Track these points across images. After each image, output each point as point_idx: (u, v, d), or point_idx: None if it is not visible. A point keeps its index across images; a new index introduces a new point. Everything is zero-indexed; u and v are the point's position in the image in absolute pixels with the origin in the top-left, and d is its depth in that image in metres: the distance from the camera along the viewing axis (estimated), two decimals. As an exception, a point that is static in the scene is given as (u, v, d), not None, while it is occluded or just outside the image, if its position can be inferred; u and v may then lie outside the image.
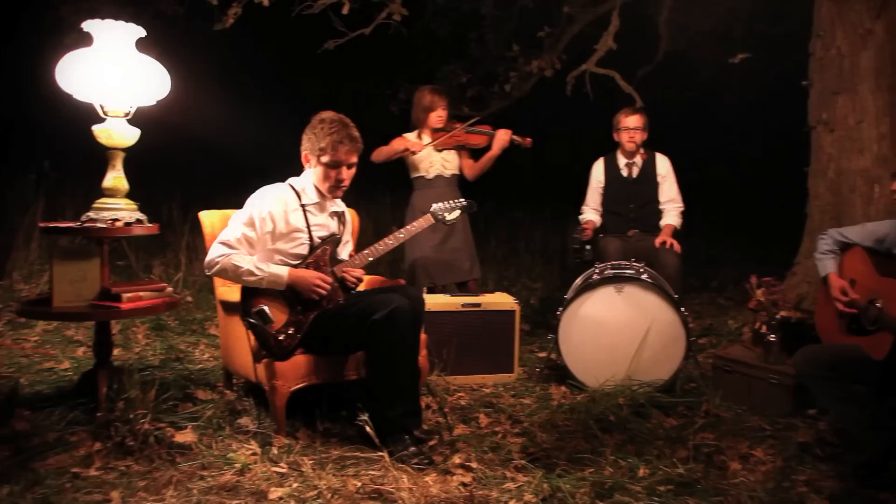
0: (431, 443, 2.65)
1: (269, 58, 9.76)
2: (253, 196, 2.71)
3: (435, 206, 3.02)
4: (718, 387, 3.22)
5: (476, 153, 4.04)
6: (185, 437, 2.53)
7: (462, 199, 3.08)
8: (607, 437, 2.76)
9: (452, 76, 6.53)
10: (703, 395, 3.18)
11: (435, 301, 3.50)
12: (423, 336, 2.85)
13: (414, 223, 2.94)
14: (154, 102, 2.88)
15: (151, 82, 2.78)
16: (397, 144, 3.92)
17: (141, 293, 2.79)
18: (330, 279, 2.67)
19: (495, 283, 5.40)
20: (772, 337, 3.11)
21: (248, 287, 2.61)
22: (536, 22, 6.25)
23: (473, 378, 3.46)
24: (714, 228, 7.18)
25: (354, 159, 2.71)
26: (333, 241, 2.80)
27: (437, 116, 3.93)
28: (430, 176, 3.95)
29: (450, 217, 3.00)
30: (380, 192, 6.96)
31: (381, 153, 3.93)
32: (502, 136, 3.89)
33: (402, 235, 2.86)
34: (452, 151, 3.99)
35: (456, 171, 4.02)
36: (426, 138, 3.97)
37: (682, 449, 2.63)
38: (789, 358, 2.89)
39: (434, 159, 3.96)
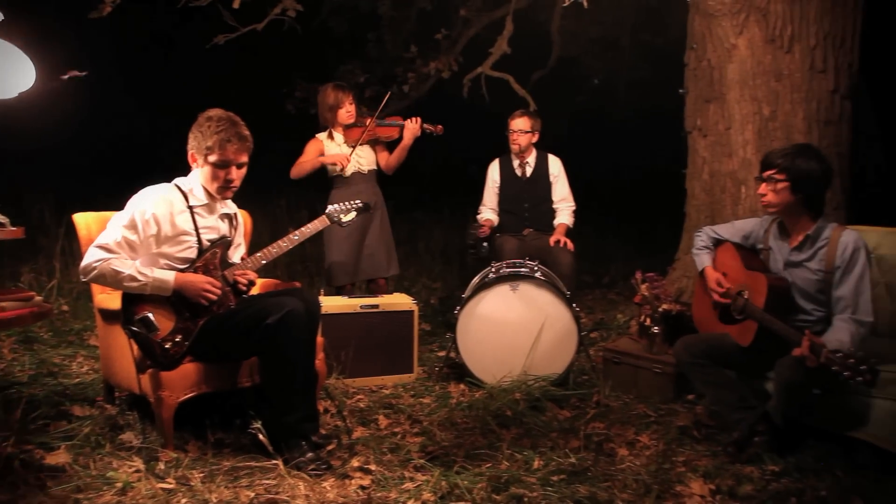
0: (329, 447, 2.61)
1: (159, 51, 9.27)
2: (135, 197, 2.55)
3: (330, 208, 2.98)
4: (608, 378, 3.38)
5: (391, 146, 4.02)
6: (58, 458, 2.34)
7: (358, 201, 3.05)
8: (504, 432, 2.83)
9: (350, 76, 6.46)
10: (594, 387, 3.34)
11: (332, 303, 3.45)
12: (319, 339, 2.80)
13: (309, 225, 2.88)
14: (15, 94, 2.63)
15: (10, 72, 2.54)
16: (314, 153, 3.84)
17: (3, 304, 2.55)
18: (220, 283, 2.56)
19: (395, 284, 5.39)
20: (655, 329, 3.31)
21: (131, 293, 2.46)
22: (434, 24, 6.32)
23: (373, 380, 3.45)
24: (607, 226, 7.54)
25: (244, 158, 2.62)
26: (224, 243, 2.69)
27: (346, 112, 3.88)
28: (347, 173, 3.90)
29: (346, 219, 2.96)
30: (276, 194, 6.78)
31: (301, 169, 3.84)
32: (413, 126, 3.90)
33: (296, 238, 2.80)
34: (366, 146, 3.96)
35: (373, 166, 3.99)
36: (339, 136, 3.92)
37: (574, 439, 2.74)
38: (671, 348, 3.09)
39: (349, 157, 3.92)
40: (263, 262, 2.70)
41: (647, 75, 8.04)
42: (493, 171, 4.22)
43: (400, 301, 3.57)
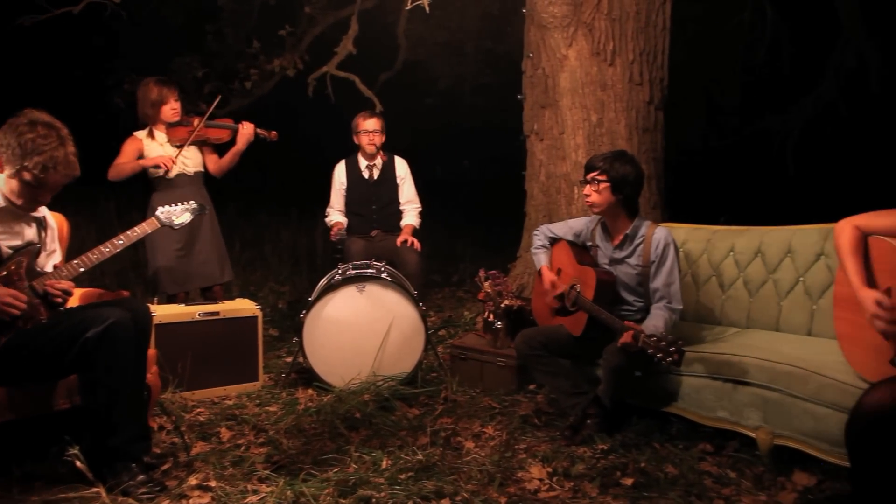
0: (164, 467, 2.43)
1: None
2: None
3: (160, 210, 2.77)
4: (455, 374, 3.48)
5: (221, 149, 3.81)
6: None
7: (192, 202, 2.87)
8: (353, 435, 2.81)
9: (187, 69, 6.07)
10: (442, 384, 3.42)
11: (167, 312, 3.22)
12: (151, 351, 2.59)
13: (136, 228, 2.66)
14: None
15: None
16: (132, 153, 3.54)
17: None
18: (25, 296, 2.28)
19: (240, 289, 5.15)
20: (498, 324, 3.45)
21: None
22: (278, 20, 6.12)
23: (214, 391, 3.27)
24: (455, 226, 7.76)
25: (65, 182, 2.34)
26: (31, 251, 2.40)
27: (171, 109, 3.63)
28: (171, 175, 3.64)
29: (178, 221, 2.77)
30: (103, 195, 6.20)
31: (120, 171, 3.54)
32: (246, 130, 3.74)
33: (121, 242, 2.57)
34: (193, 147, 3.73)
35: (199, 168, 3.76)
36: (161, 135, 3.65)
37: (422, 436, 2.79)
38: (514, 341, 3.24)
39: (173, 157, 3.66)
40: (82, 269, 2.45)
41: (490, 80, 8.38)
42: (340, 173, 4.18)
43: (242, 307, 3.41)
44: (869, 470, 1.97)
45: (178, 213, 2.77)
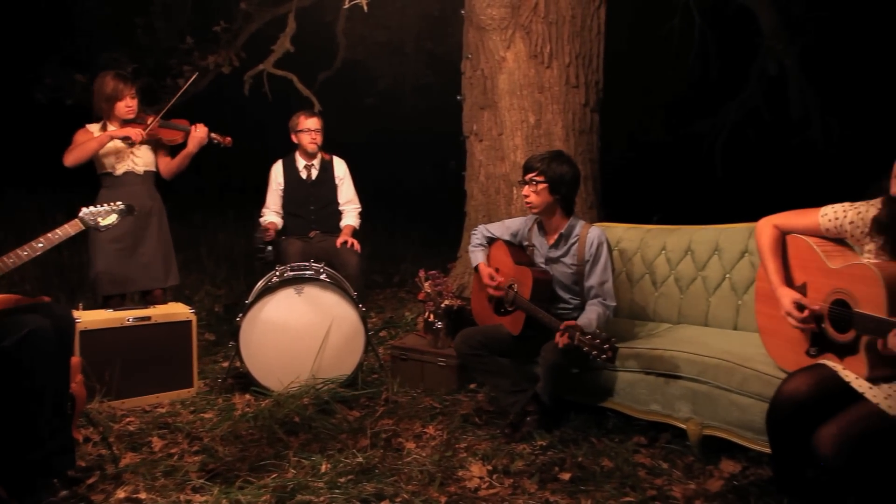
0: (90, 481, 2.33)
1: None
2: None
3: (85, 211, 2.64)
4: (396, 375, 3.47)
5: (175, 151, 3.68)
6: None
7: (119, 203, 2.74)
8: (292, 439, 2.76)
9: (115, 64, 5.83)
10: (383, 385, 3.40)
11: (94, 318, 3.08)
12: (75, 359, 2.47)
13: (58, 230, 2.52)
14: None
15: None
16: (82, 138, 3.38)
17: None
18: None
19: (175, 293, 4.98)
20: (439, 324, 3.46)
21: None
22: (212, 15, 5.96)
23: (146, 399, 3.15)
24: (396, 227, 7.74)
25: None
26: (-59, 255, 2.26)
27: (126, 107, 3.49)
28: (119, 172, 3.50)
29: (104, 222, 2.65)
30: (25, 195, 5.89)
31: (84, 151, 3.39)
32: (199, 134, 3.62)
33: (41, 245, 2.43)
34: (145, 146, 3.59)
35: (151, 168, 3.62)
36: (113, 130, 3.49)
37: (363, 438, 2.77)
38: (453, 341, 3.25)
39: (123, 154, 3.51)
40: (-2, 274, 2.31)
41: (431, 81, 8.40)
42: (277, 174, 4.10)
43: (176, 311, 3.30)
44: (787, 454, 2.08)
45: (103, 215, 2.65)
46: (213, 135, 3.69)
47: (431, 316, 3.47)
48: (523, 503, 2.27)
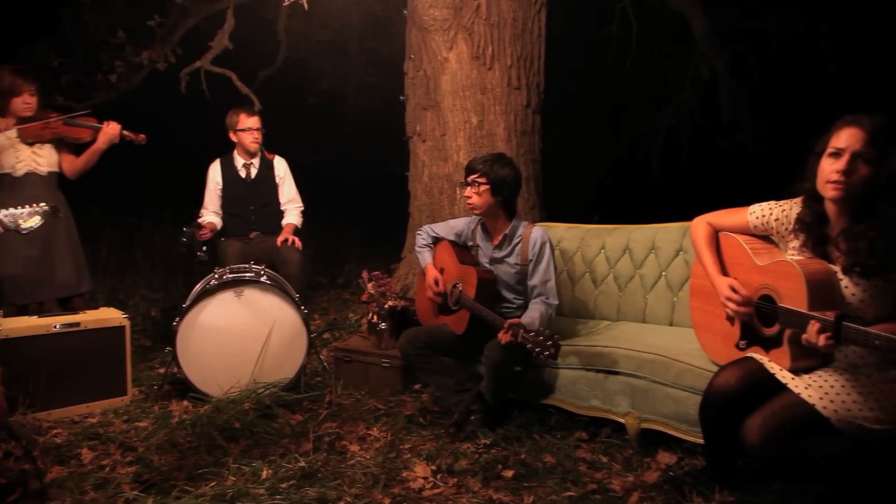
0: (11, 498, 2.20)
1: None
2: None
3: (4, 213, 2.49)
4: (340, 377, 3.43)
5: (79, 149, 3.52)
6: None
7: (42, 204, 2.61)
8: (232, 446, 2.69)
9: (39, 57, 5.55)
10: (327, 387, 3.35)
11: (17, 325, 2.93)
12: (-4, 369, 2.35)
13: (-25, 233, 2.39)
14: None
15: None
16: None
17: None
18: None
19: (107, 298, 4.80)
20: (382, 325, 3.44)
21: None
22: (147, 9, 5.75)
23: (75, 409, 3.01)
24: (341, 227, 7.65)
25: None
26: None
27: (24, 104, 3.32)
28: (19, 173, 3.33)
29: (25, 225, 2.51)
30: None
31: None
32: (110, 131, 3.47)
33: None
34: (48, 145, 3.42)
35: (54, 168, 3.45)
36: (10, 130, 3.31)
37: (306, 442, 2.72)
38: (398, 342, 3.24)
39: (23, 154, 3.34)
40: None
41: (374, 81, 8.35)
42: (215, 173, 3.99)
43: (108, 317, 3.17)
44: (719, 444, 2.17)
45: (25, 217, 2.51)
46: (125, 132, 3.55)
47: (375, 317, 3.45)
48: (467, 502, 2.28)
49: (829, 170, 1.96)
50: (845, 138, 1.94)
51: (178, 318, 3.15)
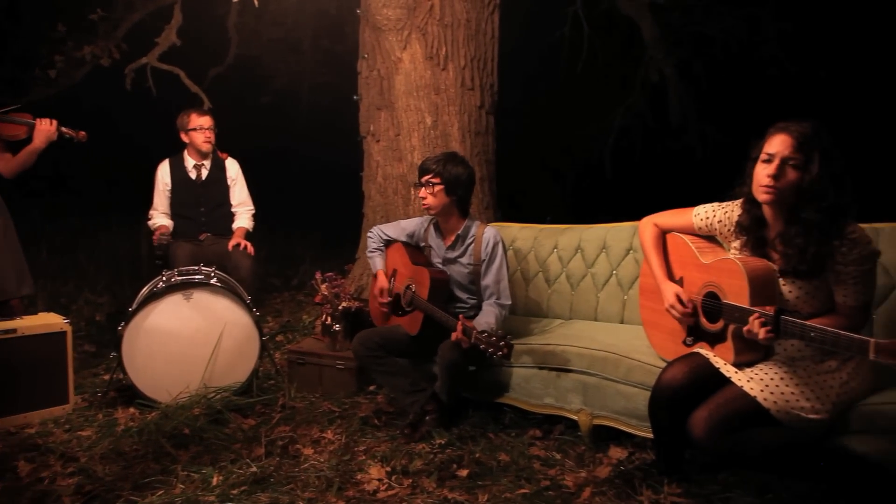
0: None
1: None
2: None
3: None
4: (293, 380, 3.38)
5: (15, 147, 3.37)
6: None
7: None
8: (181, 453, 2.62)
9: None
10: (280, 391, 3.30)
11: (-51, 332, 2.79)
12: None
13: None
14: None
15: None
16: None
17: None
18: None
19: (48, 302, 4.61)
20: (336, 327, 3.41)
21: None
22: (89, 2, 5.55)
23: (12, 420, 2.88)
24: (294, 229, 7.54)
25: None
26: None
27: None
28: None
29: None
30: None
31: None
32: (47, 128, 3.33)
33: None
34: None
35: None
36: None
37: (258, 447, 2.67)
38: (351, 343, 3.21)
39: None
40: None
41: (328, 80, 8.27)
42: (164, 173, 3.88)
43: (47, 321, 3.05)
44: (667, 438, 2.22)
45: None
46: (63, 129, 3.42)
47: (329, 319, 3.41)
48: (422, 502, 2.28)
49: (761, 174, 2.03)
50: (776, 144, 2.02)
51: (123, 323, 3.06)
